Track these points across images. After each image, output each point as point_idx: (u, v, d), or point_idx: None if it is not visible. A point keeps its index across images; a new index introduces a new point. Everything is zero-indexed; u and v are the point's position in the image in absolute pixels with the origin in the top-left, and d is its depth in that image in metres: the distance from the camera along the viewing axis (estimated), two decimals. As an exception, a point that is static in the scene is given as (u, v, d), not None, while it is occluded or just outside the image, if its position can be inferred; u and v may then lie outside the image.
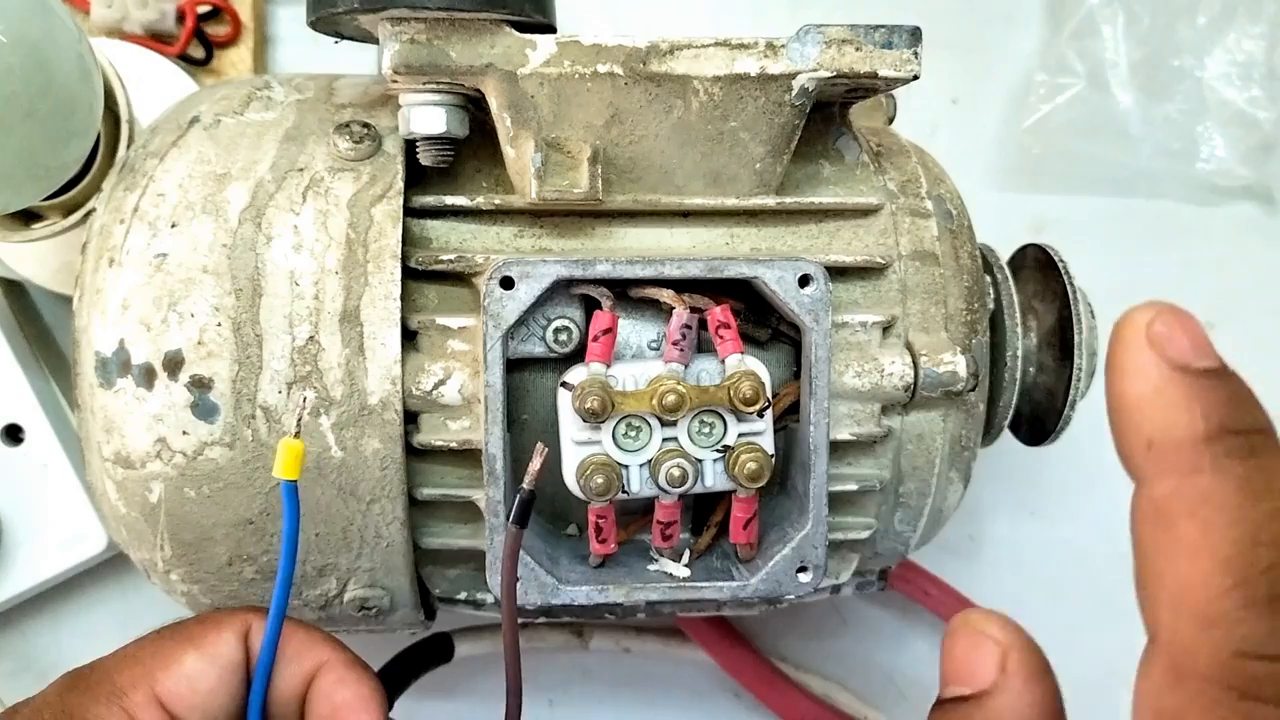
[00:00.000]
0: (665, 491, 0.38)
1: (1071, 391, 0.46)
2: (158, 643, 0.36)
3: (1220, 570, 0.23)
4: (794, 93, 0.38)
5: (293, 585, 0.40)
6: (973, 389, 0.41)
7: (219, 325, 0.37)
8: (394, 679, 0.50)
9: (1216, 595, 0.23)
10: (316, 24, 0.39)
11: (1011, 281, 0.47)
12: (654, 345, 0.40)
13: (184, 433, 0.37)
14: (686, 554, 0.41)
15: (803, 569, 0.39)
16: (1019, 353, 0.46)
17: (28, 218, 0.47)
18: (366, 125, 0.40)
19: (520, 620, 0.54)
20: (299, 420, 0.36)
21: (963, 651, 0.26)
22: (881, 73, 0.38)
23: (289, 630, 0.37)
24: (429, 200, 0.40)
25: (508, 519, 0.35)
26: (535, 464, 0.35)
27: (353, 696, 0.36)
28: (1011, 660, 0.26)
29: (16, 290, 0.57)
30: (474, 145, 0.41)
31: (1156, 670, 0.23)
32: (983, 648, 0.26)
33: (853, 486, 0.41)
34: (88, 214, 0.45)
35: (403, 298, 0.38)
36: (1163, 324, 0.26)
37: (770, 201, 0.41)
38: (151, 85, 0.55)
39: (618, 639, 0.57)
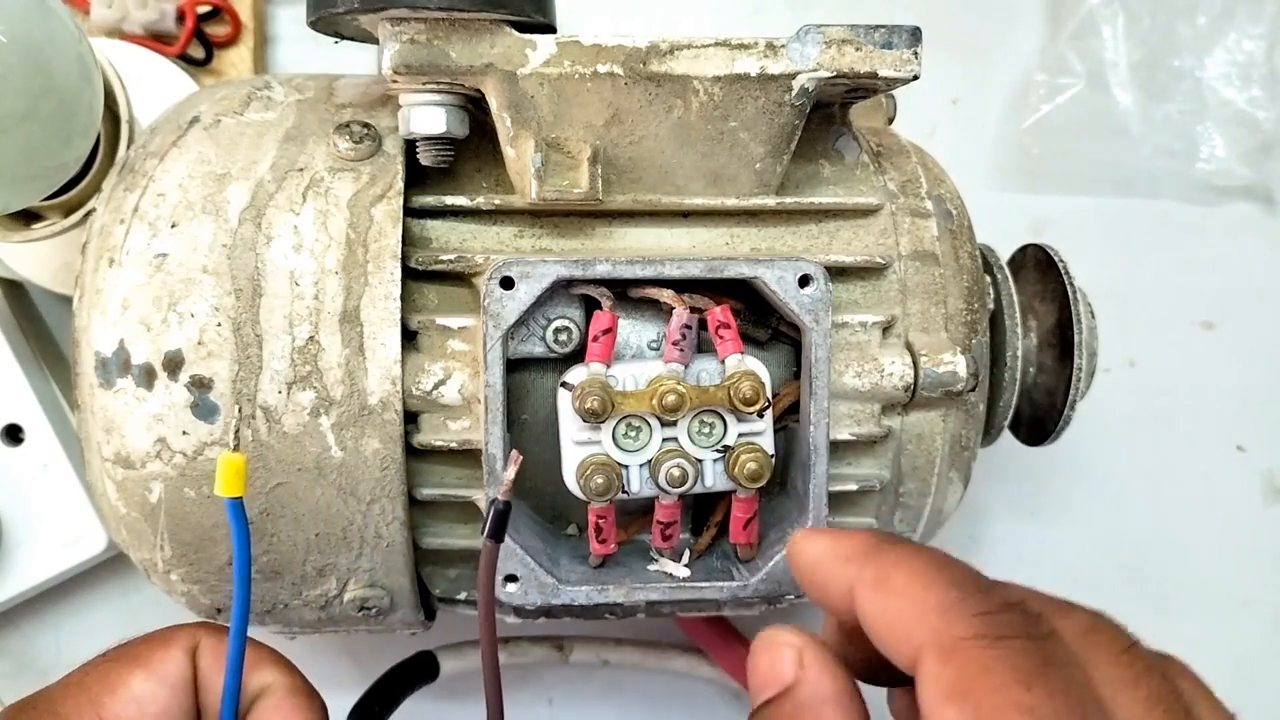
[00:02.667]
0: (665, 491, 0.38)
1: (1071, 391, 0.46)
2: (103, 667, 0.35)
3: None
4: (794, 93, 0.38)
5: (290, 583, 0.40)
6: (973, 389, 0.41)
7: (219, 325, 0.37)
8: (379, 703, 0.50)
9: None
10: (316, 24, 0.39)
11: (1011, 281, 0.47)
12: (654, 345, 0.40)
13: (184, 433, 0.37)
14: (686, 554, 0.41)
15: (803, 569, 0.39)
16: (1019, 353, 0.46)
17: (28, 218, 0.47)
18: (366, 125, 0.40)
19: (502, 635, 0.54)
20: (235, 433, 0.34)
21: (765, 663, 0.29)
22: (881, 73, 0.38)
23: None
24: (429, 200, 0.40)
25: (483, 535, 0.34)
26: (510, 472, 0.34)
27: None
28: (806, 656, 0.29)
29: (16, 290, 0.57)
30: (474, 145, 0.41)
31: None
32: (780, 654, 0.29)
33: (853, 486, 0.41)
34: (88, 214, 0.45)
35: (403, 298, 0.38)
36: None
37: (770, 201, 0.41)
38: (151, 85, 0.55)
39: (597, 651, 0.57)
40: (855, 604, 0.28)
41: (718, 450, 0.38)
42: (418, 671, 0.52)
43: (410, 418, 0.39)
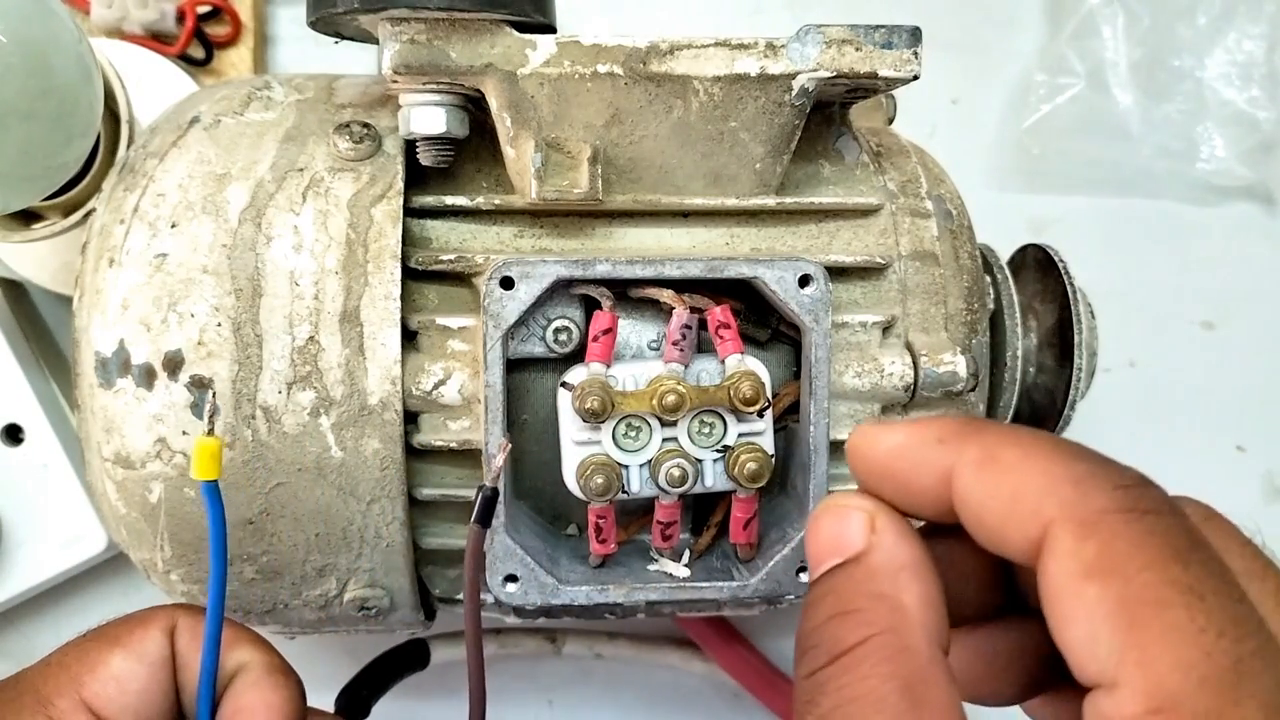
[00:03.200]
0: (665, 491, 0.38)
1: (1071, 391, 0.46)
2: (82, 647, 0.35)
3: None
4: (794, 93, 0.38)
5: (290, 583, 0.40)
6: (973, 389, 0.41)
7: (219, 325, 0.37)
8: (368, 687, 0.50)
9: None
10: (316, 24, 0.39)
11: (1011, 281, 0.47)
12: (654, 345, 0.40)
13: (184, 433, 0.37)
14: (686, 554, 0.41)
15: (803, 569, 0.39)
16: (1019, 353, 0.46)
17: (28, 218, 0.47)
18: (366, 125, 0.40)
19: (495, 626, 0.54)
20: (210, 417, 0.34)
21: (829, 527, 0.27)
22: (881, 73, 0.38)
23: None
24: (429, 200, 0.40)
25: (471, 520, 0.34)
26: (498, 460, 0.34)
27: (258, 701, 0.34)
28: (880, 521, 0.26)
29: (16, 290, 0.57)
30: (474, 145, 0.41)
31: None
32: (849, 518, 0.27)
33: (853, 486, 0.41)
34: (88, 214, 0.45)
35: (403, 298, 0.38)
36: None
37: (770, 202, 0.41)
38: (151, 85, 0.55)
39: (590, 644, 0.57)
40: (955, 489, 0.25)
41: (718, 450, 0.38)
42: (408, 658, 0.52)
43: (410, 418, 0.39)
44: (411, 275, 0.39)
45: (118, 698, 0.34)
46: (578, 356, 0.38)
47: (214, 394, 0.37)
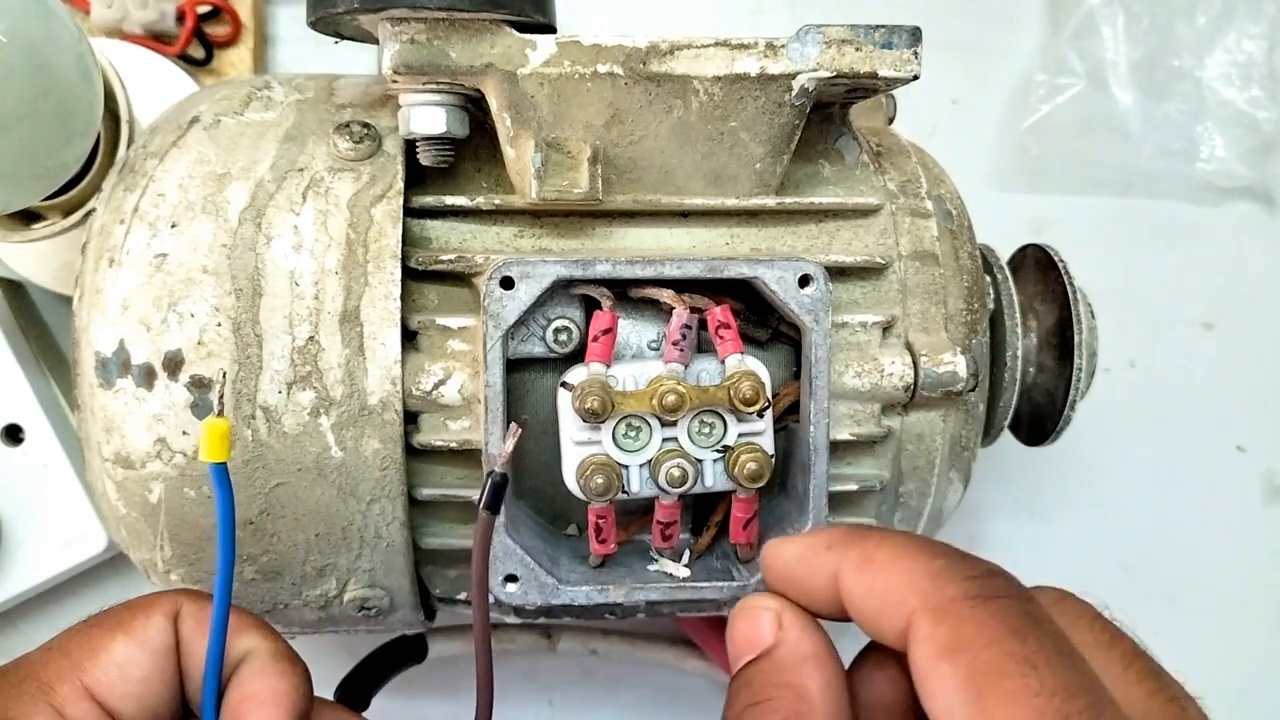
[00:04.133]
0: (665, 491, 0.38)
1: (1071, 391, 0.46)
2: (85, 633, 0.34)
3: None
4: (794, 93, 0.38)
5: (290, 583, 0.40)
6: (973, 389, 0.41)
7: (219, 325, 0.37)
8: (367, 679, 0.50)
9: None
10: (316, 24, 0.39)
11: (1011, 281, 0.47)
12: (654, 345, 0.40)
13: (184, 433, 0.37)
14: (686, 554, 0.41)
15: (803, 569, 0.39)
16: (1019, 353, 0.46)
17: (28, 218, 0.47)
18: (366, 125, 0.40)
19: (492, 622, 0.54)
20: (220, 398, 0.34)
21: (743, 629, 0.30)
22: (881, 73, 0.38)
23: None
24: (429, 200, 0.40)
25: (479, 506, 0.34)
26: (508, 444, 0.34)
27: (264, 689, 0.34)
28: (785, 618, 0.30)
29: (16, 290, 0.57)
30: (474, 145, 0.41)
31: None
32: (760, 617, 0.30)
33: (853, 487, 0.41)
34: (88, 214, 0.45)
35: (403, 298, 0.38)
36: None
37: (770, 202, 0.41)
38: (151, 85, 0.55)
39: (585, 641, 0.57)
40: (841, 587, 0.29)
41: (718, 450, 0.38)
42: (406, 651, 0.52)
43: (410, 418, 0.39)
44: (411, 275, 0.39)
45: (120, 684, 0.33)
46: (578, 356, 0.38)
47: (224, 374, 0.36)
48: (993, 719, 0.24)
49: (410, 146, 0.40)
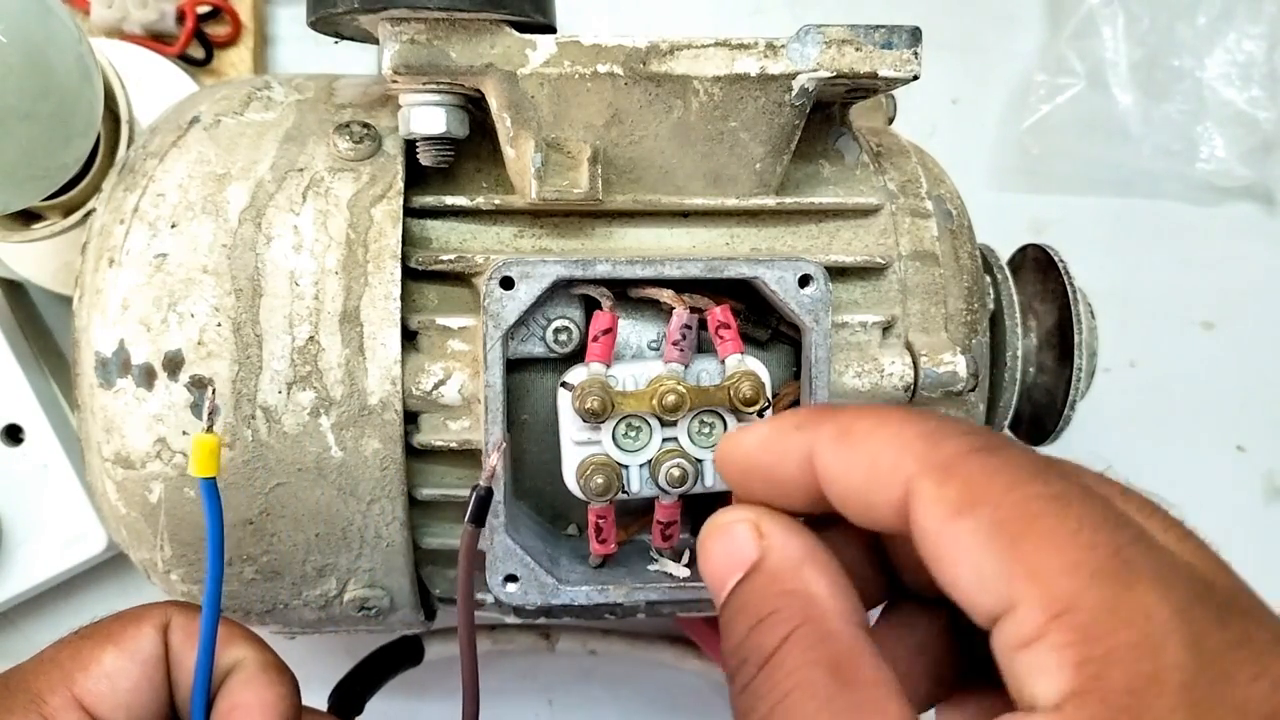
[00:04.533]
0: (665, 491, 0.38)
1: (1071, 391, 0.46)
2: (76, 644, 0.35)
3: None
4: (794, 93, 0.38)
5: (290, 583, 0.40)
6: (973, 389, 0.41)
7: (219, 325, 0.37)
8: (361, 683, 0.50)
9: None
10: (316, 24, 0.39)
11: (1011, 281, 0.47)
12: (654, 345, 0.40)
13: (184, 433, 0.37)
14: (686, 554, 0.41)
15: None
16: (1019, 353, 0.46)
17: (28, 218, 0.47)
18: (366, 125, 0.40)
19: (489, 622, 0.54)
20: (209, 414, 0.34)
21: (718, 547, 0.27)
22: (881, 73, 0.38)
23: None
24: (429, 200, 0.40)
25: (465, 519, 0.34)
26: (492, 459, 0.34)
27: (253, 698, 0.34)
28: (765, 525, 0.27)
29: (16, 290, 0.57)
30: (474, 145, 0.41)
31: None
32: (734, 532, 0.27)
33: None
34: (88, 214, 0.45)
35: (403, 298, 0.38)
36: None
37: (770, 202, 0.41)
38: (151, 85, 0.55)
39: (584, 641, 0.57)
40: (818, 469, 0.26)
41: (718, 450, 0.38)
42: (401, 655, 0.51)
43: (410, 418, 0.39)
44: (411, 275, 0.39)
45: (109, 695, 0.34)
46: (578, 356, 0.38)
47: (213, 390, 0.37)
48: (1034, 565, 0.21)
49: (410, 146, 0.40)
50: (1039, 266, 0.48)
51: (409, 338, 0.39)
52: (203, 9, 0.57)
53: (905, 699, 0.23)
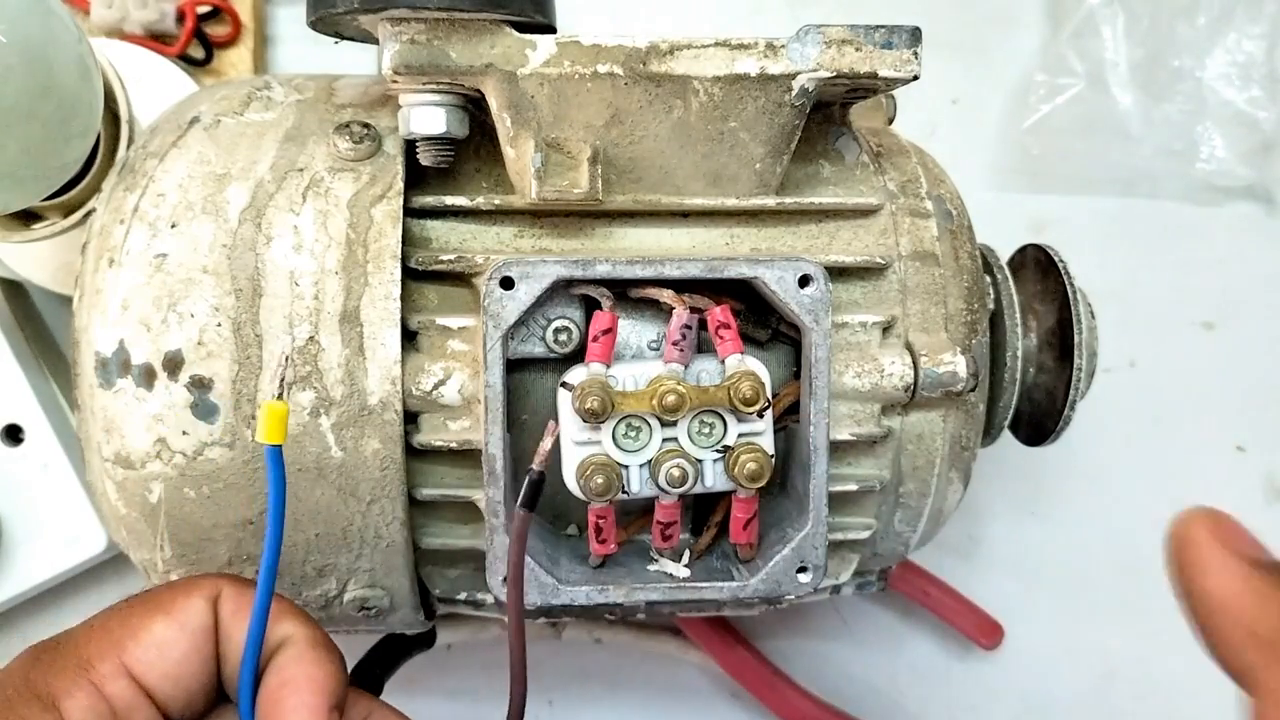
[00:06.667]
0: (665, 491, 0.38)
1: (1071, 392, 0.46)
2: (126, 612, 0.35)
3: None
4: (794, 93, 0.38)
5: (290, 583, 0.40)
6: (973, 389, 0.41)
7: (219, 325, 0.37)
8: (379, 665, 0.50)
9: None
10: (316, 24, 0.39)
11: (1011, 281, 0.47)
12: (654, 345, 0.40)
13: (184, 433, 0.37)
14: (686, 554, 0.41)
15: (803, 569, 0.39)
16: (1019, 353, 0.46)
17: (28, 218, 0.47)
18: (366, 125, 0.40)
19: (484, 616, 0.54)
20: (282, 380, 0.34)
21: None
22: (881, 73, 0.38)
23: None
24: (429, 200, 0.40)
25: (516, 504, 0.35)
26: (546, 443, 0.35)
27: (301, 675, 0.34)
28: None
29: (16, 290, 0.57)
30: (474, 145, 0.41)
31: None
32: None
33: (853, 487, 0.41)
34: (88, 214, 0.45)
35: (403, 298, 0.38)
36: (1227, 525, 0.31)
37: (770, 202, 0.41)
38: (151, 85, 0.55)
39: (589, 629, 0.58)
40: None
41: (718, 450, 0.38)
42: (416, 638, 0.52)
43: (410, 418, 0.39)
44: (411, 275, 0.39)
45: (158, 664, 0.34)
46: (578, 356, 0.38)
47: (288, 357, 0.36)
48: None
49: (410, 146, 0.40)
50: (1039, 266, 0.48)
51: (409, 338, 0.39)
52: (203, 9, 0.57)
53: None
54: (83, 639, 0.34)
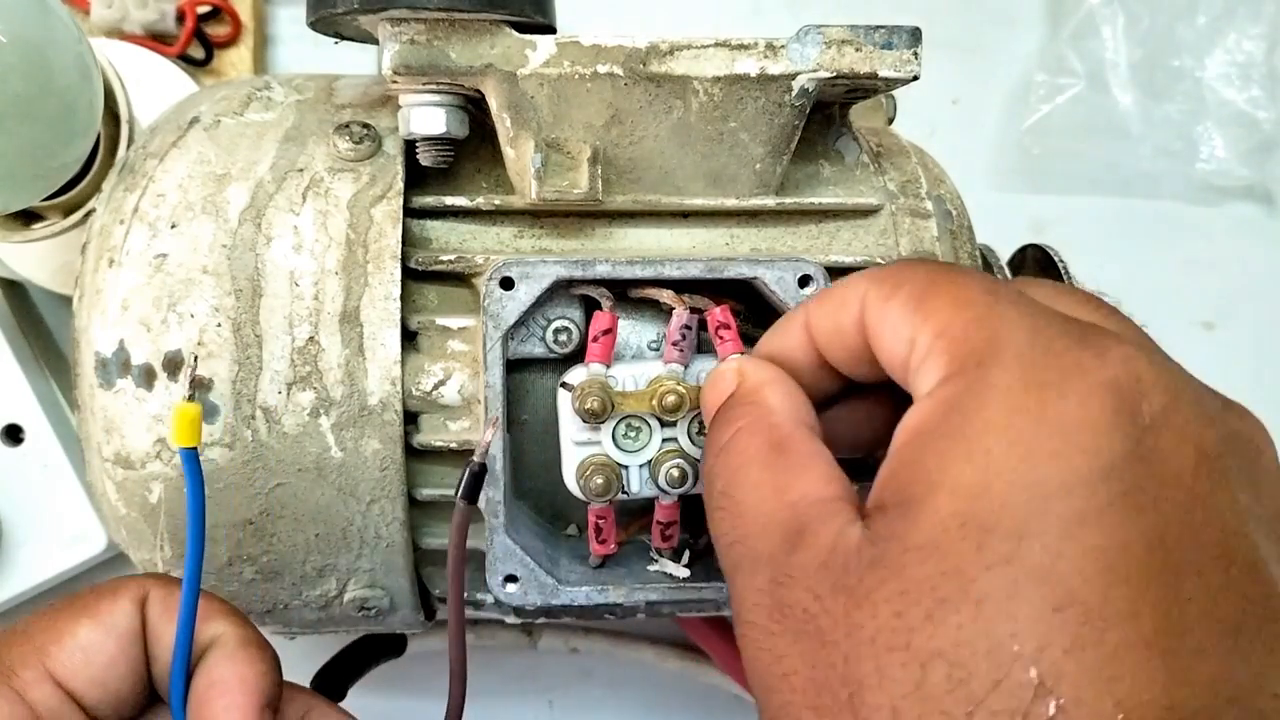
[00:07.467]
0: (665, 492, 0.38)
1: (1071, 392, 0.46)
2: (50, 616, 0.34)
3: None
4: (794, 93, 0.38)
5: (290, 583, 0.40)
6: (973, 389, 0.41)
7: (219, 326, 0.37)
8: (344, 670, 0.49)
9: None
10: (316, 24, 0.39)
11: (1011, 282, 0.47)
12: (654, 345, 0.40)
13: (184, 433, 0.37)
14: (686, 554, 0.41)
15: (803, 569, 0.39)
16: (1019, 353, 0.46)
17: (28, 218, 0.47)
18: (366, 125, 0.40)
19: (478, 617, 0.54)
20: (190, 381, 0.34)
21: (710, 393, 0.34)
22: (881, 73, 0.38)
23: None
24: (429, 201, 0.40)
25: (456, 493, 0.35)
26: (486, 435, 0.34)
27: (231, 675, 0.33)
28: (744, 366, 0.33)
29: (16, 290, 0.57)
30: (474, 145, 0.41)
31: None
32: (721, 377, 0.34)
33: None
34: (88, 214, 0.45)
35: (402, 298, 0.38)
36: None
37: (770, 202, 0.41)
38: (151, 85, 0.55)
39: (566, 639, 0.57)
40: (811, 331, 0.32)
41: (718, 450, 0.38)
42: (384, 645, 0.51)
43: (410, 418, 0.39)
44: (411, 275, 0.39)
45: (84, 669, 0.33)
46: (578, 357, 0.38)
47: (195, 358, 0.35)
48: (929, 311, 0.28)
49: (410, 147, 0.40)
50: (1039, 266, 0.48)
51: (409, 338, 0.39)
52: (203, 9, 0.57)
53: (833, 462, 0.30)
54: (4, 646, 0.33)
